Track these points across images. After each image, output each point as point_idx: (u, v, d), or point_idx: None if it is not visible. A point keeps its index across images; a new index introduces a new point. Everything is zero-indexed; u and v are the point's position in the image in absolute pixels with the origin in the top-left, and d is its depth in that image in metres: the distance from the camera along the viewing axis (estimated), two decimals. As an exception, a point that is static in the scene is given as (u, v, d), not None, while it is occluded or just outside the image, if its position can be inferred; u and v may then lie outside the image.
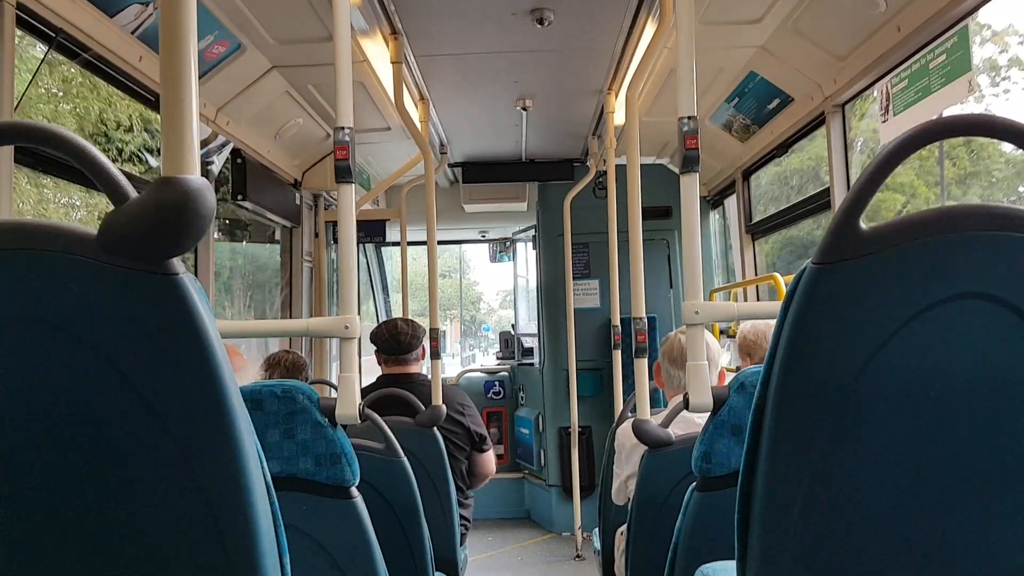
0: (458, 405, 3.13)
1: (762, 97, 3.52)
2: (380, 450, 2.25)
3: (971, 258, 0.92)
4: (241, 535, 0.87)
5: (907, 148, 0.94)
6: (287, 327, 2.27)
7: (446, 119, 4.25)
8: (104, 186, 0.80)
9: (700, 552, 1.61)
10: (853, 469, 0.96)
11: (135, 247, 0.79)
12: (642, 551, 2.16)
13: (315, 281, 4.50)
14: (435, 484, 2.72)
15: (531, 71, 3.53)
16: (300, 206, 4.30)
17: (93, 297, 0.80)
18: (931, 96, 2.41)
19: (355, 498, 1.73)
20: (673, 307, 5.33)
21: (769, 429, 0.97)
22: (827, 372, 0.94)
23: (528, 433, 5.57)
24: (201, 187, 0.81)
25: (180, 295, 0.81)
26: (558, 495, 5.28)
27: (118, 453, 0.84)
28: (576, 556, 4.70)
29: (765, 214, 4.24)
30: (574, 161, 5.29)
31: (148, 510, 0.85)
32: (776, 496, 0.99)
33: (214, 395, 0.84)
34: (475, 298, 37.83)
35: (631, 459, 2.40)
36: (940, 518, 0.96)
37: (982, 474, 0.95)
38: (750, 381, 1.68)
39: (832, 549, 0.99)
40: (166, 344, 0.82)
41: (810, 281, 0.93)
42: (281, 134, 3.73)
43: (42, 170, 2.03)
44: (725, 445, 1.67)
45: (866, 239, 0.92)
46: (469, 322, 34.70)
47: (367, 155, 4.66)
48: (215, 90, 3.00)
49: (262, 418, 1.66)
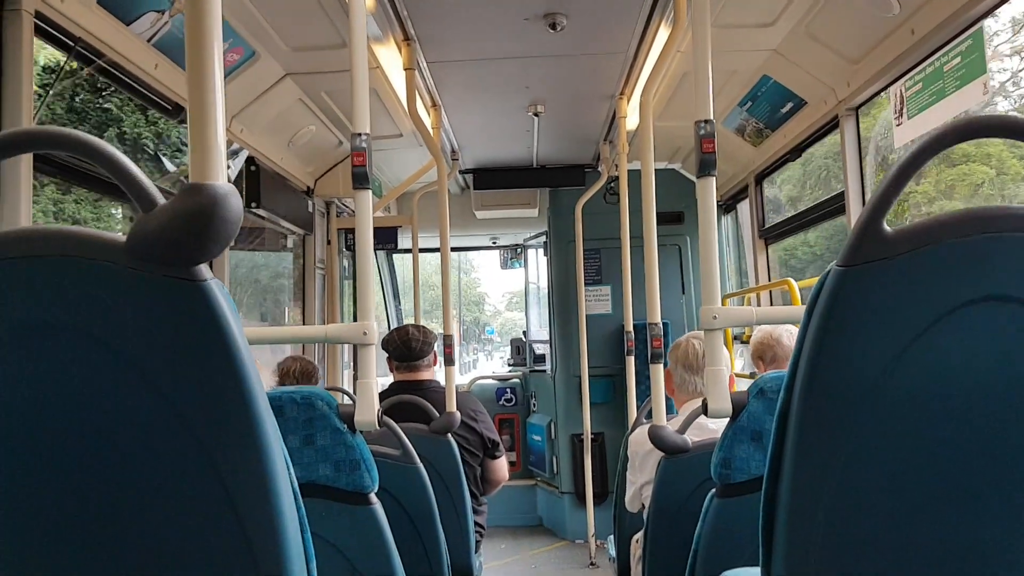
0: (471, 411, 3.13)
1: (775, 101, 3.51)
2: (396, 457, 2.25)
3: (996, 261, 0.91)
4: (269, 541, 0.87)
5: (932, 149, 0.94)
6: (306, 333, 2.27)
7: (458, 125, 4.25)
8: (133, 193, 0.80)
9: (721, 558, 1.60)
10: (879, 472, 0.95)
11: (163, 253, 0.79)
12: (660, 558, 2.15)
13: (327, 288, 4.51)
14: (450, 491, 2.72)
15: (543, 76, 3.53)
16: (313, 213, 4.32)
17: (122, 304, 0.80)
18: (946, 99, 2.40)
19: (374, 504, 1.72)
20: (685, 313, 5.31)
21: (794, 433, 0.97)
22: (853, 374, 0.93)
23: (540, 440, 5.56)
24: (228, 193, 0.81)
25: (208, 301, 0.81)
26: (571, 502, 5.26)
27: (147, 459, 0.84)
28: (590, 564, 4.67)
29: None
30: (585, 167, 5.29)
31: (176, 516, 0.85)
32: (802, 500, 0.98)
33: (242, 401, 0.84)
34: (477, 298, 36.02)
35: (645, 466, 2.38)
36: (968, 520, 0.95)
37: (1010, 476, 0.94)
38: (769, 387, 1.67)
39: (859, 553, 0.98)
40: (195, 350, 0.82)
41: (835, 284, 0.92)
42: (294, 141, 3.75)
43: (62, 178, 2.04)
44: (745, 451, 1.66)
45: (891, 241, 0.91)
46: (471, 324, 32.85)
47: (379, 162, 4.68)
48: (229, 97, 3.01)
49: (282, 424, 1.66)
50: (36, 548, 0.85)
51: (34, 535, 0.85)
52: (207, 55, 0.95)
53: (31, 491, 0.84)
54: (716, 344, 1.67)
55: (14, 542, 0.85)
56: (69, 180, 2.06)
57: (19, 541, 0.85)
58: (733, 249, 5.22)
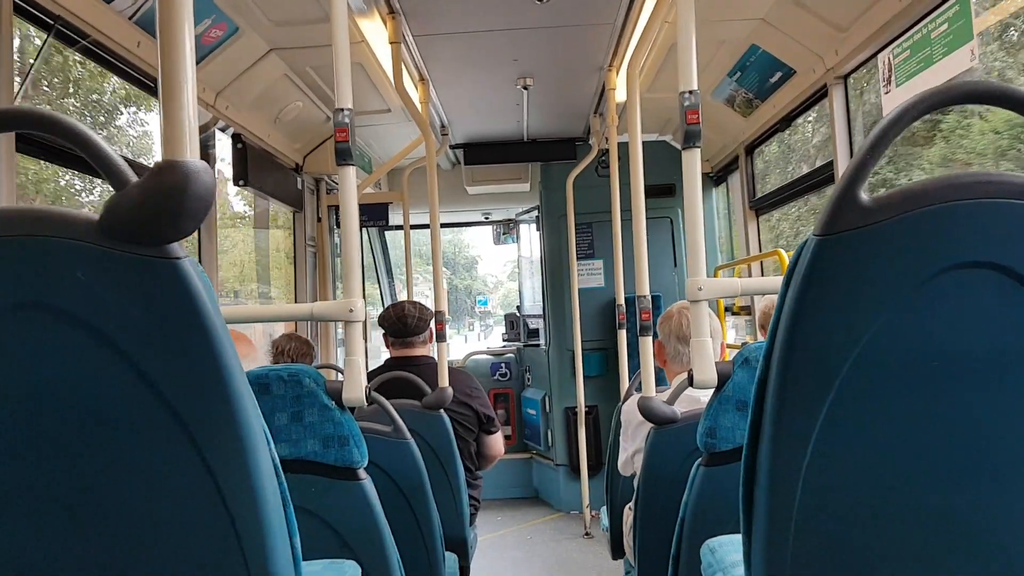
0: (465, 387, 3.14)
1: (764, 70, 3.49)
2: (387, 432, 2.27)
3: (976, 227, 0.91)
4: (250, 515, 0.87)
5: (909, 116, 0.93)
6: (291, 311, 2.27)
7: (446, 100, 4.22)
8: (104, 171, 0.80)
9: (706, 526, 1.62)
10: (856, 441, 0.96)
11: (136, 232, 0.79)
12: (649, 527, 2.17)
13: (319, 266, 4.51)
14: (443, 465, 2.74)
15: (531, 49, 3.50)
16: (302, 190, 4.29)
17: (96, 283, 0.80)
18: (933, 66, 2.39)
19: (364, 479, 1.74)
20: (678, 285, 5.32)
21: (772, 402, 0.97)
22: (830, 344, 0.94)
23: (535, 414, 5.59)
24: (200, 170, 0.81)
25: (182, 280, 0.81)
26: (566, 474, 5.30)
27: (125, 437, 0.84)
28: (585, 534, 4.73)
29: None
30: (576, 140, 5.26)
31: (156, 493, 0.86)
32: (779, 468, 0.99)
33: (218, 378, 0.84)
34: (468, 262, 31.11)
35: (637, 435, 2.40)
36: (946, 491, 0.96)
37: (988, 447, 0.95)
38: (753, 356, 1.68)
39: (839, 520, 0.99)
40: (170, 329, 0.82)
41: (812, 253, 0.93)
42: (281, 118, 3.72)
43: (43, 157, 2.03)
44: (730, 420, 1.67)
45: (868, 209, 0.91)
46: (463, 293, 27.91)
47: (368, 138, 4.65)
48: (214, 74, 2.99)
49: (269, 402, 1.67)
50: (11, 527, 0.86)
51: (8, 514, 0.85)
52: (178, 30, 0.94)
53: (7, 472, 0.84)
54: (701, 315, 1.68)
55: None
56: (50, 160, 2.05)
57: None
58: (724, 221, 5.22)
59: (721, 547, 1.43)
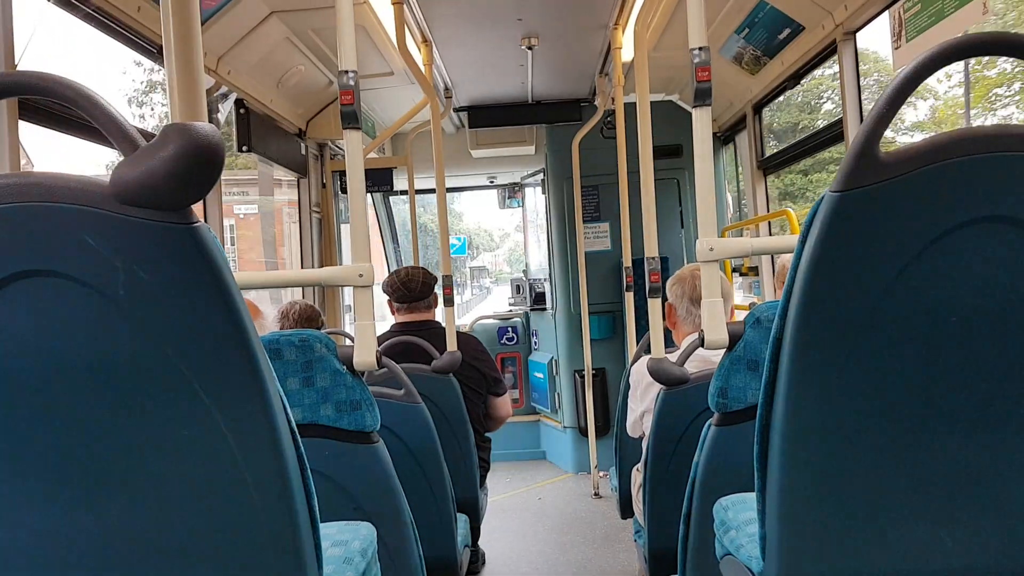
0: (472, 351, 3.15)
1: (772, 27, 3.43)
2: (399, 396, 2.28)
3: (993, 180, 0.90)
4: (270, 479, 0.88)
5: (927, 69, 0.92)
6: (301, 277, 2.26)
7: (450, 62, 4.17)
8: (113, 136, 0.78)
9: (718, 485, 1.63)
10: (875, 396, 0.96)
11: (150, 197, 0.78)
12: (660, 487, 2.19)
13: (324, 232, 4.49)
14: (453, 428, 2.76)
15: (536, 7, 3.44)
16: (306, 156, 4.27)
17: (111, 249, 0.80)
18: (945, 20, 2.34)
19: (377, 443, 1.75)
20: (685, 247, 5.30)
21: (788, 359, 0.97)
22: (847, 299, 0.93)
23: (543, 377, 5.62)
24: (213, 132, 0.80)
25: (200, 245, 0.80)
26: (574, 436, 5.35)
27: (143, 405, 0.84)
28: (594, 494, 4.78)
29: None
30: (581, 101, 5.20)
31: (174, 456, 0.86)
32: (795, 425, 1.00)
33: (237, 342, 0.84)
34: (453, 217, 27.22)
35: (646, 396, 2.41)
36: (960, 443, 0.97)
37: (1003, 399, 0.95)
38: (765, 316, 1.68)
39: (850, 475, 1.00)
40: (188, 295, 0.82)
41: (830, 209, 0.92)
42: (283, 82, 3.68)
43: (47, 125, 2.01)
44: (741, 380, 1.68)
45: (886, 164, 0.90)
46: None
47: (371, 102, 4.60)
48: (215, 39, 2.95)
49: (281, 367, 1.67)
50: (28, 493, 0.87)
51: (25, 480, 0.86)
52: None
53: (26, 439, 0.85)
54: (713, 275, 1.67)
55: (15, 490, 0.87)
56: (53, 126, 2.03)
57: (19, 489, 0.87)
58: (732, 181, 5.18)
59: (734, 505, 1.44)
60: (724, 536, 1.40)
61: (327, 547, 1.32)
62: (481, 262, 27.27)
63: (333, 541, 1.36)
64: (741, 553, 1.29)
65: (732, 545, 1.35)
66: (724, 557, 1.40)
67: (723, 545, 1.40)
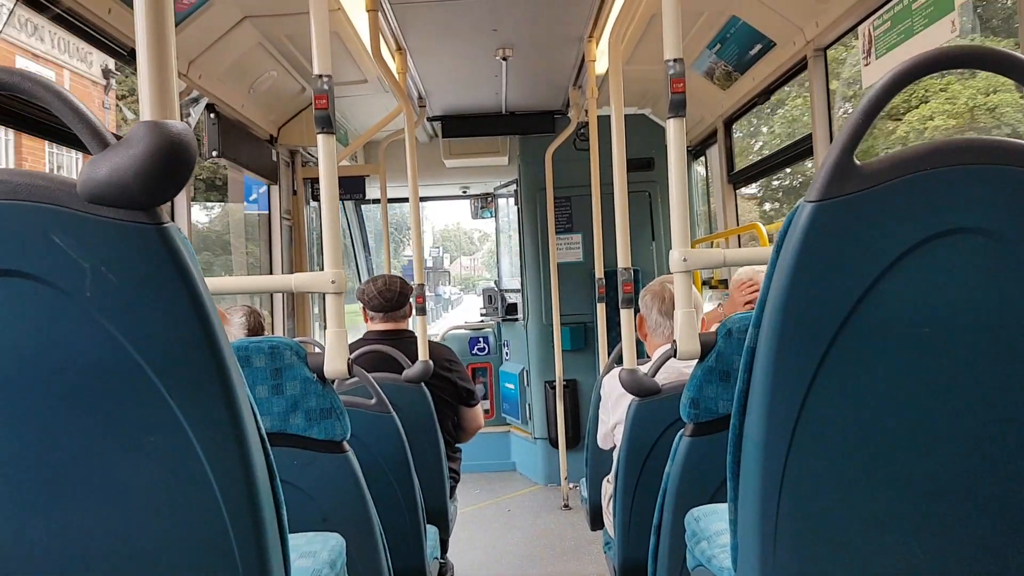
0: (445, 361, 3.13)
1: (744, 42, 3.47)
2: (369, 406, 2.25)
3: (968, 192, 0.91)
4: (238, 487, 0.86)
5: (901, 82, 0.93)
6: (271, 284, 2.22)
7: (424, 70, 4.16)
8: (83, 133, 0.77)
9: (689, 496, 1.63)
10: (849, 406, 0.96)
11: (120, 196, 0.76)
12: (630, 498, 2.19)
13: (295, 240, 4.45)
14: (424, 439, 2.73)
15: (510, 18, 3.45)
16: (277, 163, 4.22)
17: (78, 249, 0.78)
18: (914, 37, 2.39)
19: (347, 452, 1.73)
20: (656, 260, 5.34)
21: (763, 369, 0.97)
22: (822, 309, 0.94)
23: (514, 388, 5.61)
24: (185, 131, 0.78)
25: (170, 245, 0.79)
26: (544, 448, 5.34)
27: (108, 407, 0.82)
28: (563, 505, 4.77)
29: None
30: (555, 113, 5.23)
31: (139, 462, 0.84)
32: (768, 435, 1.00)
33: (205, 346, 0.82)
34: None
35: (618, 407, 2.41)
36: (934, 451, 0.97)
37: (975, 408, 0.96)
38: (737, 327, 1.68)
39: (823, 485, 1.00)
40: (157, 296, 0.80)
41: (807, 219, 0.92)
42: (255, 88, 3.64)
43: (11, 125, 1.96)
44: (713, 391, 1.68)
45: (861, 174, 0.91)
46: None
47: (344, 109, 4.58)
48: (186, 42, 2.91)
49: (250, 374, 1.64)
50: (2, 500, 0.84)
51: None
52: (156, -10, 0.91)
53: None
54: (686, 286, 1.68)
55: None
56: (16, 127, 1.98)
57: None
58: (702, 196, 5.23)
59: (706, 516, 1.44)
60: (695, 547, 1.40)
61: (295, 558, 1.30)
62: (458, 267, 26.17)
63: (301, 552, 1.33)
64: (713, 564, 1.29)
65: (703, 556, 1.34)
66: (696, 568, 1.40)
67: (694, 556, 1.40)
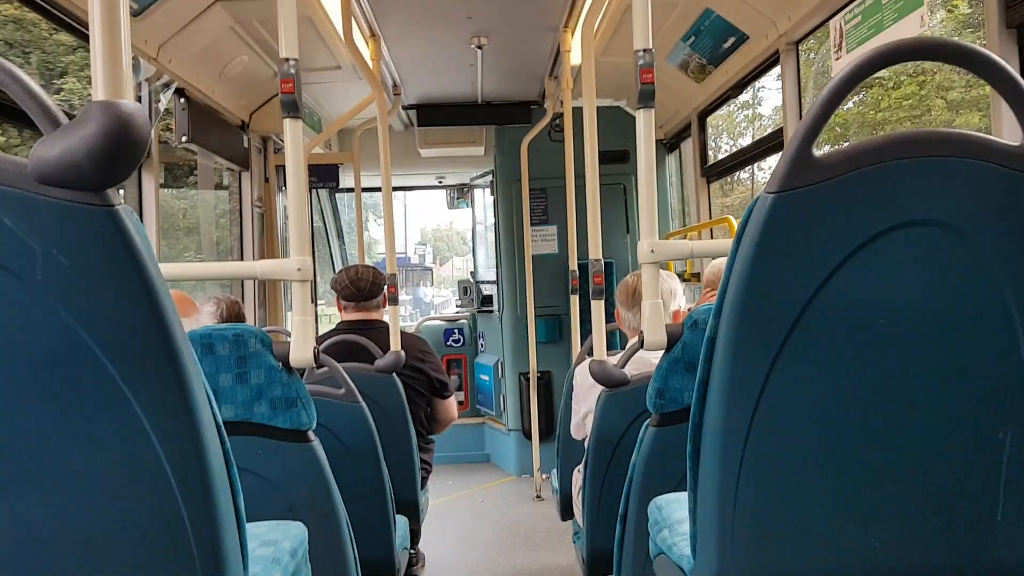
0: (418, 352, 3.13)
1: (718, 35, 3.49)
2: (338, 395, 2.24)
3: (924, 185, 0.92)
4: (192, 474, 0.85)
5: (861, 72, 0.94)
6: (236, 270, 2.19)
7: (399, 58, 4.13)
8: (34, 112, 0.75)
9: (655, 485, 1.64)
10: (803, 395, 0.97)
11: (70, 177, 0.75)
12: (599, 487, 2.19)
13: (266, 228, 4.40)
14: (394, 429, 2.72)
15: (485, 6, 3.43)
16: (248, 149, 4.17)
17: (27, 231, 0.76)
18: (884, 32, 2.41)
19: (312, 442, 1.71)
20: (630, 252, 5.35)
21: (722, 358, 0.98)
22: (780, 299, 0.94)
23: (488, 379, 5.61)
24: (138, 111, 0.77)
25: (120, 228, 0.77)
26: (518, 439, 5.34)
27: (59, 393, 0.81)
28: (536, 497, 4.78)
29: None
30: (531, 104, 5.21)
31: (89, 449, 0.82)
32: (726, 424, 1.00)
33: (157, 331, 0.81)
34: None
35: (589, 398, 2.42)
36: (890, 441, 0.98)
37: (931, 398, 0.97)
38: (703, 318, 1.69)
39: (781, 474, 1.01)
40: (106, 279, 0.79)
41: (765, 210, 0.93)
42: (226, 73, 3.59)
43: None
44: (679, 381, 1.69)
45: (820, 167, 0.92)
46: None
47: (317, 96, 4.53)
48: (156, 26, 2.86)
49: (213, 362, 1.62)
50: None
51: None
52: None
53: None
54: (652, 277, 1.68)
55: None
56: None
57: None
58: (676, 189, 5.25)
59: (668, 505, 1.45)
60: (657, 535, 1.41)
61: (255, 547, 1.29)
62: (450, 268, 25.25)
63: (262, 541, 1.32)
64: (673, 552, 1.30)
65: (664, 544, 1.35)
66: (657, 556, 1.40)
67: (656, 544, 1.41)
